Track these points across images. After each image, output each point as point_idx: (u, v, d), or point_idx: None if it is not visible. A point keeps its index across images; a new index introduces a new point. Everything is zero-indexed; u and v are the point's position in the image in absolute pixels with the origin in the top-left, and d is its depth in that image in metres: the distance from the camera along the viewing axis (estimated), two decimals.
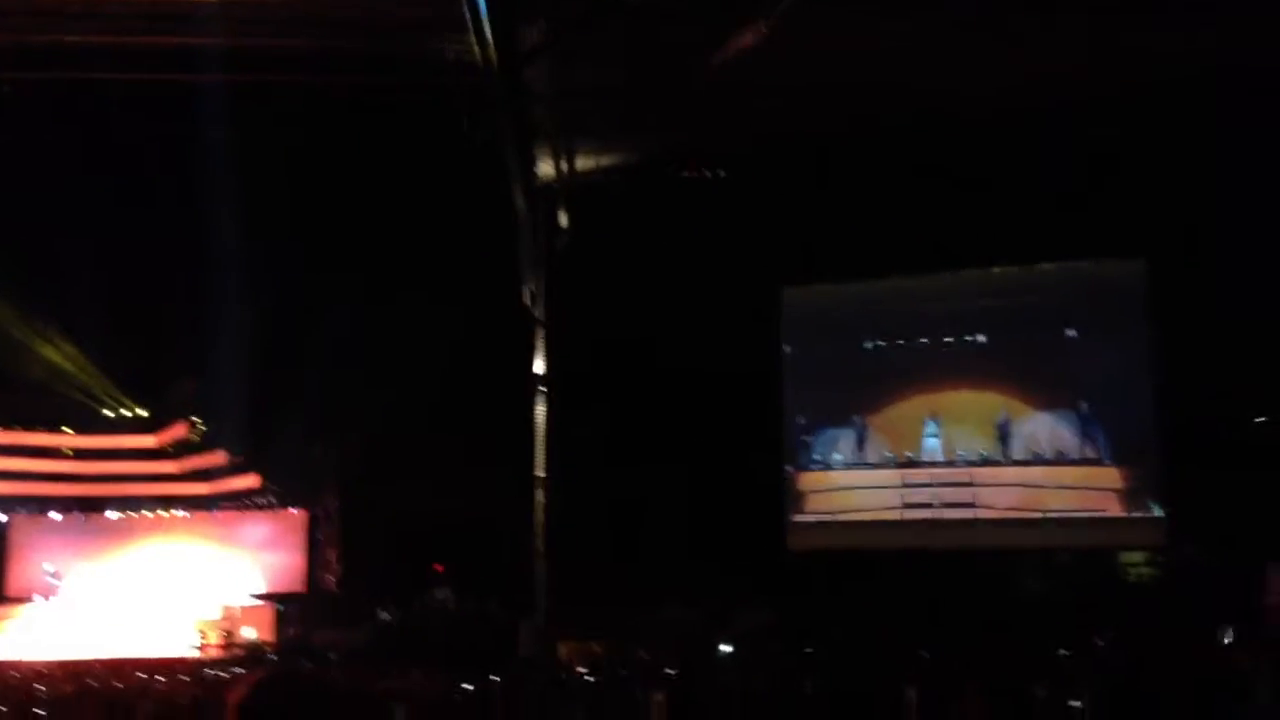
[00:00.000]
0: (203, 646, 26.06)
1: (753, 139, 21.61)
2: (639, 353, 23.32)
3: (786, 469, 24.24)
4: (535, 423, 22.93)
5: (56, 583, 28.39)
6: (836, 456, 24.10)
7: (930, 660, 13.54)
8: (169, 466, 30.30)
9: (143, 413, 30.47)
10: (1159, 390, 21.52)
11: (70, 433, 30.05)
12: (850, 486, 23.86)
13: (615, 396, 23.21)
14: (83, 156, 21.65)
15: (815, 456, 24.26)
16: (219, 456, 29.71)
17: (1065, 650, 15.79)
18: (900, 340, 23.90)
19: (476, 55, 16.17)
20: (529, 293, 22.76)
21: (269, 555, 29.38)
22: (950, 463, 23.18)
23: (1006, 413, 22.81)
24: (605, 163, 22.60)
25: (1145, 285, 21.93)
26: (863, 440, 23.82)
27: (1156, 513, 21.63)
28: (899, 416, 23.66)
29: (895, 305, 24.10)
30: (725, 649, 19.84)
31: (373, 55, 18.05)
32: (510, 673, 13.96)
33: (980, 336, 23.23)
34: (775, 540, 23.43)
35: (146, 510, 29.94)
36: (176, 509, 29.98)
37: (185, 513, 29.91)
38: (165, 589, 28.49)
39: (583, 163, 22.41)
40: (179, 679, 16.96)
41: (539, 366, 22.99)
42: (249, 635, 26.68)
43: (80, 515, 29.67)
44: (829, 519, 23.92)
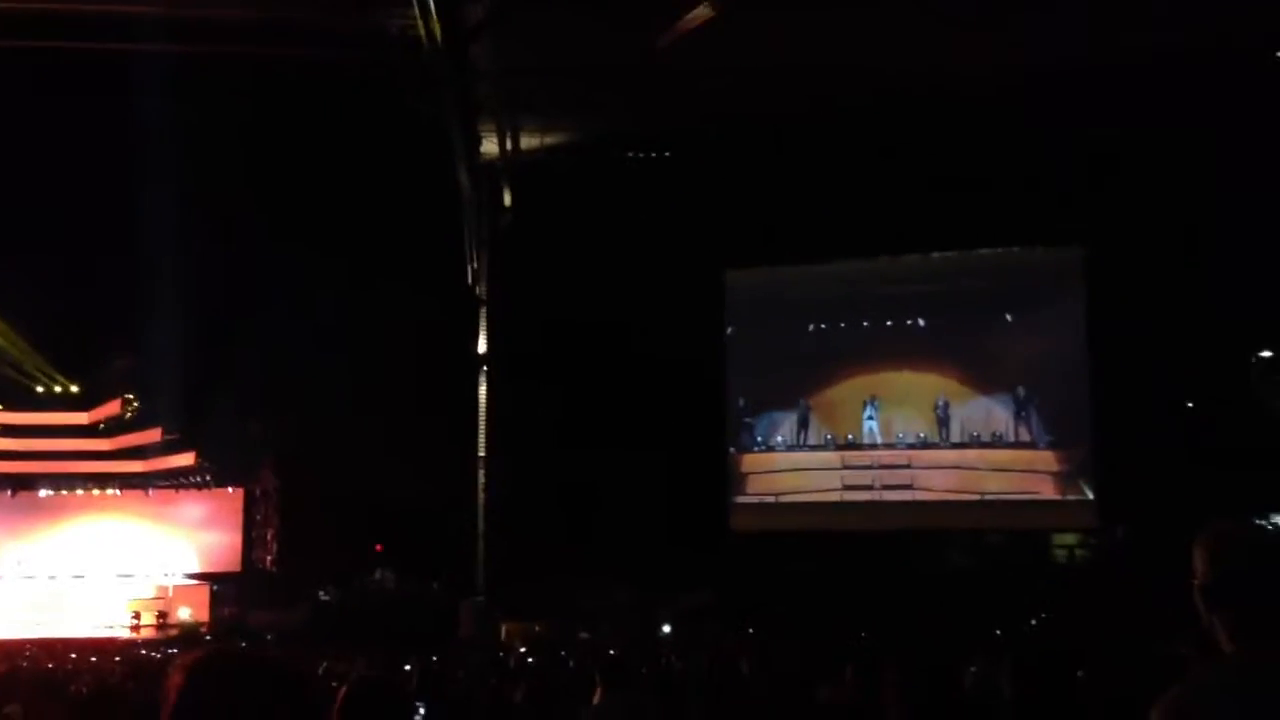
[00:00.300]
0: (136, 627, 25.74)
1: (697, 120, 21.59)
2: (581, 333, 23.26)
3: (729, 450, 24.34)
4: (477, 402, 22.89)
5: None
6: (778, 439, 24.24)
7: (868, 639, 13.70)
8: (102, 444, 29.81)
9: (75, 389, 29.93)
10: (1093, 375, 21.86)
11: (0, 408, 29.44)
12: (791, 468, 24.02)
13: (557, 377, 23.15)
14: (16, 128, 21.18)
15: (757, 438, 24.38)
16: (154, 434, 29.25)
17: (999, 629, 16.07)
18: (841, 323, 24.06)
19: (421, 30, 16.01)
20: (472, 271, 22.67)
21: (205, 534, 29.03)
22: (890, 445, 23.41)
23: (945, 396, 23.06)
24: (550, 142, 22.51)
25: (1081, 271, 22.25)
26: (804, 423, 23.97)
27: (1089, 495, 22.01)
28: (840, 399, 23.84)
29: (837, 289, 24.25)
30: (666, 629, 19.94)
31: (316, 29, 17.77)
32: (451, 653, 13.93)
33: (920, 320, 23.44)
34: (717, 521, 23.53)
35: (79, 488, 29.46)
36: (110, 487, 29.53)
37: (119, 491, 29.47)
38: (98, 568, 28.08)
39: (527, 141, 22.31)
40: (112, 659, 16.73)
41: (482, 346, 22.93)
42: (184, 615, 26.40)
43: (8, 493, 29.12)
44: (771, 500, 24.07)
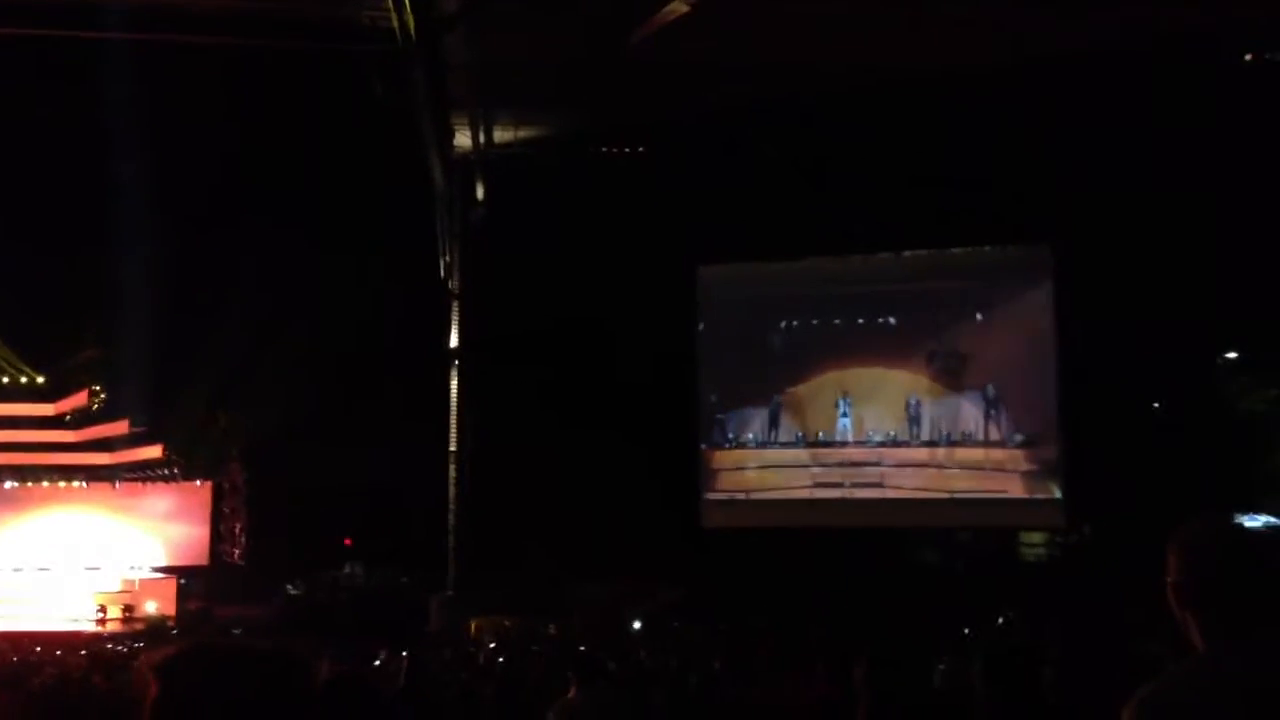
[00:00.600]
0: (102, 620, 25.52)
1: (671, 116, 21.60)
2: (553, 328, 23.24)
3: (700, 447, 24.34)
4: (449, 396, 22.83)
5: None
6: (749, 435, 24.26)
7: (837, 636, 13.72)
8: (68, 435, 29.50)
9: (41, 380, 29.62)
10: (1062, 374, 22.01)
11: None
12: (762, 465, 24.05)
13: (529, 372, 23.12)
14: None
15: (728, 435, 24.40)
16: (120, 426, 28.97)
17: (967, 628, 16.13)
18: (813, 321, 24.12)
19: (394, 22, 15.90)
20: (445, 265, 22.59)
21: (172, 528, 28.78)
22: (860, 443, 23.48)
23: (916, 394, 23.15)
24: (523, 135, 22.45)
25: (1050, 271, 22.39)
26: (775, 420, 24.01)
27: (1057, 495, 22.15)
28: (811, 397, 23.89)
29: (809, 286, 24.30)
30: (636, 625, 19.93)
31: (288, 19, 17.64)
32: (420, 648, 13.87)
33: (891, 319, 23.52)
34: (688, 518, 23.55)
35: (45, 480, 29.16)
36: (76, 479, 29.25)
37: (85, 483, 29.19)
38: (64, 561, 27.83)
39: (501, 135, 22.25)
40: (77, 652, 16.57)
41: (454, 339, 22.87)
42: (150, 609, 26.19)
43: None
44: (741, 497, 24.10)
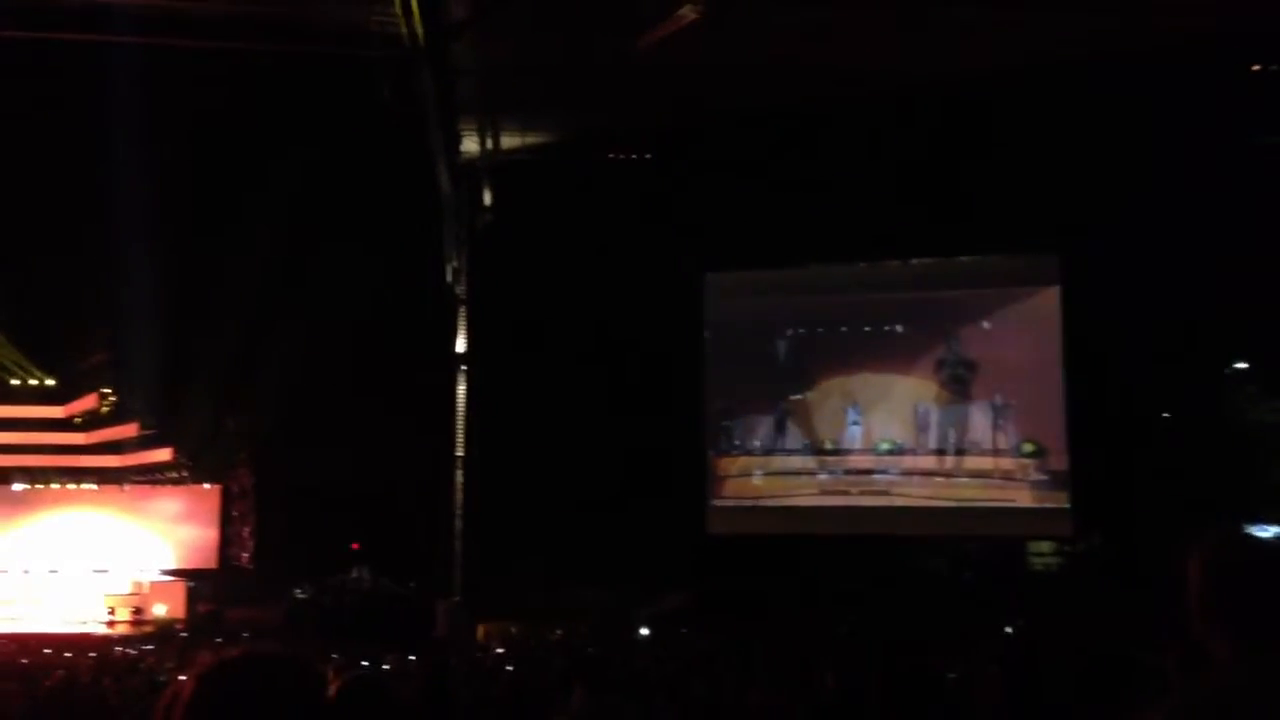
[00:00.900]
0: (111, 622, 25.62)
1: (679, 122, 21.61)
2: (560, 334, 23.28)
3: (706, 453, 24.33)
4: (456, 402, 22.82)
5: None
6: (755, 442, 24.23)
7: (846, 643, 13.72)
8: (78, 438, 29.63)
9: (51, 382, 29.75)
10: (1069, 384, 21.95)
11: None
12: (769, 472, 24.02)
13: (535, 377, 23.15)
14: None
15: (735, 441, 24.37)
16: (130, 429, 29.12)
17: (975, 637, 16.11)
18: (820, 328, 24.10)
19: (402, 28, 15.94)
20: (451, 270, 22.60)
21: (181, 530, 28.89)
22: (867, 450, 23.45)
23: (923, 402, 23.12)
24: (531, 141, 22.45)
25: (1059, 279, 22.35)
26: (782, 426, 23.98)
27: (1064, 504, 22.09)
28: (818, 404, 23.86)
29: (816, 293, 24.29)
30: (643, 631, 19.93)
31: (296, 24, 17.67)
32: (427, 653, 13.90)
33: (899, 327, 23.49)
34: (694, 524, 23.53)
35: (55, 482, 29.27)
36: (86, 481, 29.35)
37: (95, 485, 29.30)
38: (74, 563, 27.92)
39: (508, 141, 22.25)
40: (86, 655, 16.64)
41: (460, 345, 22.87)
42: (159, 612, 26.28)
43: None
44: (748, 504, 24.06)
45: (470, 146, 21.94)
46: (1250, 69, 19.00)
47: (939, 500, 22.80)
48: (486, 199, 22.71)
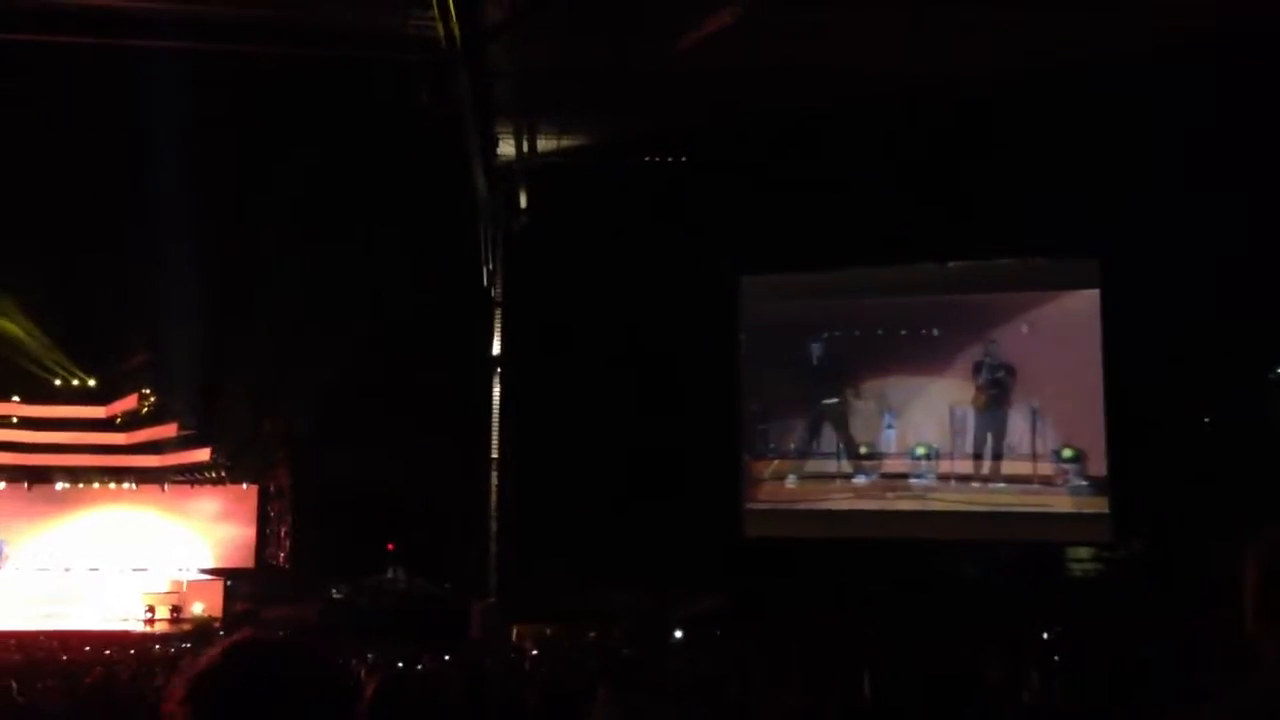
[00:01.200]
0: (150, 620, 25.85)
1: (715, 125, 21.57)
2: (595, 336, 23.29)
3: (742, 456, 24.28)
4: (491, 404, 22.89)
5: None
6: (790, 445, 24.17)
7: (880, 646, 13.64)
8: (119, 438, 29.95)
9: (92, 383, 30.08)
10: (1109, 388, 21.74)
11: (18, 401, 29.59)
12: (803, 475, 23.95)
13: (571, 380, 23.17)
14: (34, 124, 21.28)
15: (770, 444, 24.32)
16: (169, 429, 29.39)
17: (1013, 642, 15.98)
18: (856, 331, 24.00)
19: (439, 31, 15.99)
20: (487, 273, 22.67)
21: (219, 530, 29.17)
22: (903, 454, 23.32)
23: (960, 406, 22.97)
24: (567, 144, 22.48)
25: (1098, 283, 22.15)
26: (817, 430, 23.90)
27: (1104, 509, 21.88)
28: (853, 407, 23.76)
29: (852, 296, 24.19)
30: (677, 634, 19.91)
31: (333, 28, 17.78)
32: (462, 653, 13.95)
33: (935, 330, 23.35)
34: (729, 526, 23.48)
35: (95, 481, 29.59)
36: (126, 481, 29.66)
37: (134, 485, 29.60)
38: (113, 561, 28.21)
39: (544, 143, 22.29)
40: (126, 652, 16.81)
41: (496, 347, 22.94)
42: (197, 610, 26.50)
43: (25, 485, 29.24)
44: (783, 507, 24.00)
45: (506, 149, 21.99)
46: None
47: (975, 505, 22.64)
48: (522, 202, 22.77)
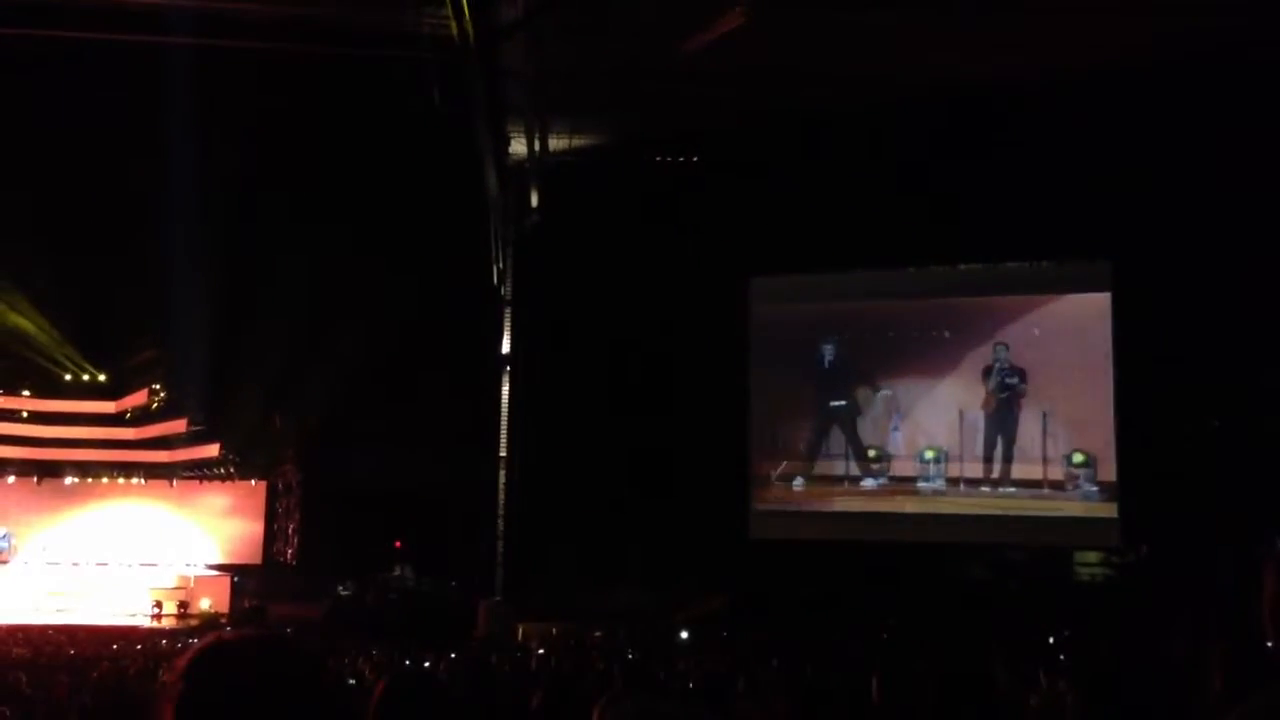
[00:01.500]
0: (158, 615, 25.91)
1: (726, 125, 21.58)
2: (605, 335, 23.28)
3: (749, 457, 24.24)
4: (500, 402, 22.92)
5: (7, 546, 28.17)
6: (799, 447, 24.13)
7: (890, 647, 13.62)
8: (128, 433, 30.03)
9: (103, 378, 30.17)
10: (1119, 391, 21.68)
11: (29, 395, 29.69)
12: (811, 477, 23.90)
13: (580, 379, 23.17)
14: (46, 119, 21.36)
15: (778, 446, 24.27)
16: (179, 424, 29.47)
17: (1020, 646, 15.94)
18: (866, 333, 23.94)
19: (453, 30, 16.03)
20: (498, 271, 22.70)
21: (227, 526, 29.24)
22: (911, 457, 23.27)
23: (970, 410, 22.90)
24: (578, 143, 22.51)
25: (1109, 286, 22.08)
26: (825, 432, 23.85)
27: (1113, 514, 21.81)
28: (862, 409, 23.68)
29: (862, 298, 24.15)
30: (683, 635, 19.89)
31: (346, 26, 17.83)
32: (469, 651, 13.94)
33: (946, 332, 23.29)
34: (735, 527, 23.46)
35: (104, 476, 29.67)
36: (135, 476, 29.74)
37: (143, 480, 29.67)
38: (122, 556, 28.29)
39: (555, 142, 22.32)
40: (134, 647, 16.84)
41: (506, 346, 22.98)
42: (204, 606, 26.56)
43: (35, 479, 29.33)
44: (790, 509, 23.96)
45: (518, 148, 22.03)
46: None
47: (984, 508, 22.58)
48: (533, 201, 22.80)
